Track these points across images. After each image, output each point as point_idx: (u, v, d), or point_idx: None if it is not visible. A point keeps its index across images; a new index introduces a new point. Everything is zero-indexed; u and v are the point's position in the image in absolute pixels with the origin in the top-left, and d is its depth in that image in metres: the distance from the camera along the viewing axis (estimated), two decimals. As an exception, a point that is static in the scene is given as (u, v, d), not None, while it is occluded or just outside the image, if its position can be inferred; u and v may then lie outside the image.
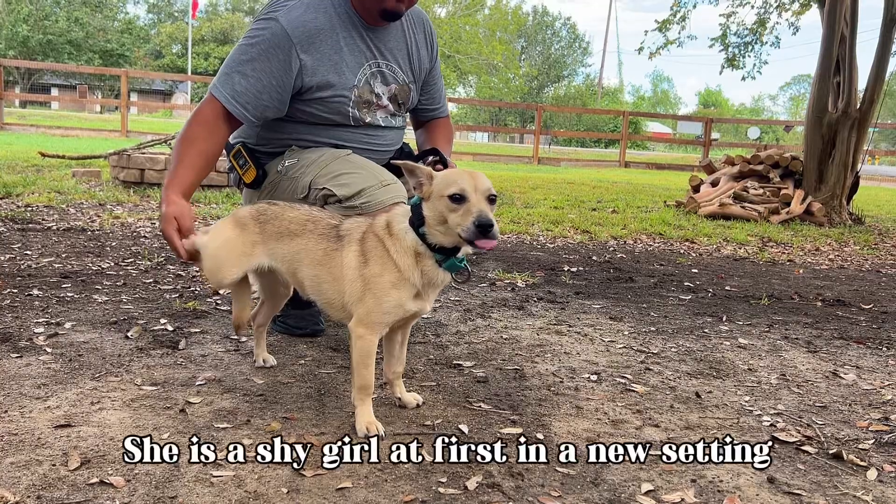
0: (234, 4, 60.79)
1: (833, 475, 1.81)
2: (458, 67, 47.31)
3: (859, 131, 8.33)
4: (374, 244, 1.92)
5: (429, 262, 1.88)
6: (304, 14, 2.46)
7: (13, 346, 2.40)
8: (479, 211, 1.75)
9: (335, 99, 2.52)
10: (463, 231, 1.75)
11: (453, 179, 1.80)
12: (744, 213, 7.82)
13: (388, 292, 1.88)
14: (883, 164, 33.64)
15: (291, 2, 2.48)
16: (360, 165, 2.50)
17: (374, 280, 1.89)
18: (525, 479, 1.69)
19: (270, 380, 2.25)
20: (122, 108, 18.92)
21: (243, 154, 2.62)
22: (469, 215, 1.75)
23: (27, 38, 39.65)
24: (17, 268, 3.52)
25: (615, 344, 2.89)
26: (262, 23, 2.46)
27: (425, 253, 1.87)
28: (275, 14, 2.44)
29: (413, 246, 1.87)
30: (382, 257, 1.90)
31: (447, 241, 1.85)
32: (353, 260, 1.94)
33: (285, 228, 2.09)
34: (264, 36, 2.42)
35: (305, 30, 2.44)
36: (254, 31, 2.46)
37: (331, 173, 2.46)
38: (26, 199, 5.83)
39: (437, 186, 1.82)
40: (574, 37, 61.00)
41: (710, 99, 73.58)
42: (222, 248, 2.13)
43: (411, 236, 1.88)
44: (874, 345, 3.11)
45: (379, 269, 1.89)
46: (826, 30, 8.33)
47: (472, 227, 1.73)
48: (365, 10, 2.55)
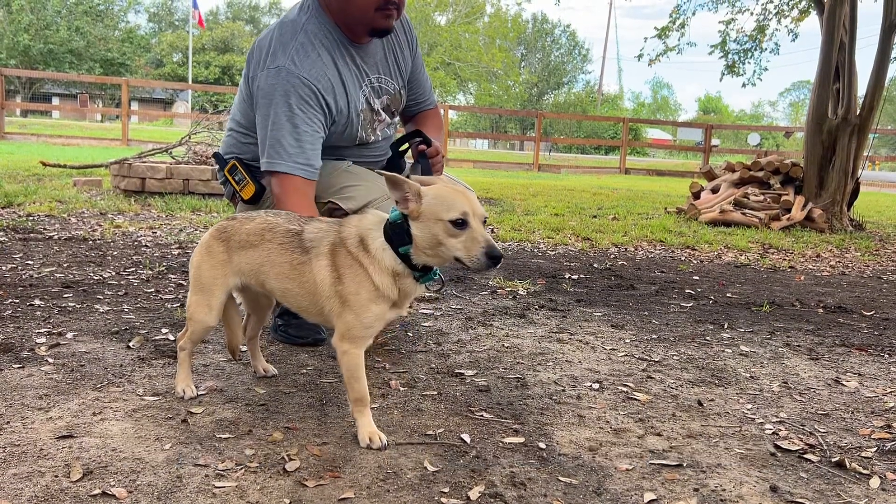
0: (234, 13, 61.05)
1: (836, 483, 1.81)
2: (458, 75, 47.44)
3: (859, 137, 8.34)
4: (347, 260, 1.85)
5: (408, 280, 1.84)
6: (308, 56, 2.44)
7: (15, 356, 2.40)
8: (486, 240, 1.70)
9: (346, 125, 2.54)
10: (470, 261, 1.71)
11: (452, 202, 1.72)
12: (745, 220, 7.82)
13: (368, 307, 1.83)
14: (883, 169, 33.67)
15: (293, 46, 2.44)
16: (363, 177, 2.52)
17: (351, 297, 1.84)
18: (528, 488, 1.69)
19: (272, 389, 2.25)
20: (123, 116, 18.97)
21: (239, 169, 2.58)
22: (476, 244, 1.70)
23: (28, 48, 39.78)
24: (18, 278, 3.52)
25: (617, 352, 2.89)
26: (274, 75, 2.41)
27: (404, 272, 1.82)
28: (286, 65, 2.41)
29: (391, 266, 1.82)
30: (358, 275, 1.83)
31: (437, 262, 1.79)
32: (325, 276, 1.88)
33: (245, 241, 2.02)
34: (295, 92, 2.39)
35: (322, 75, 2.45)
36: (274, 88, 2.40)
37: (334, 186, 2.46)
38: (27, 209, 5.84)
39: (430, 207, 1.73)
40: (574, 44, 61.15)
41: (710, 105, 73.68)
42: (199, 279, 2.07)
43: (389, 256, 1.81)
44: (876, 352, 3.11)
45: (355, 287, 1.83)
46: (825, 36, 8.35)
47: (483, 258, 1.69)
48: (350, 29, 2.54)
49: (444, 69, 44.82)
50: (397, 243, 1.79)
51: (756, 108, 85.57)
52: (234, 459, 1.75)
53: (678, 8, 12.43)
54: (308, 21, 2.51)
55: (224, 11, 61.27)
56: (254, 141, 2.57)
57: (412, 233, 1.76)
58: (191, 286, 2.12)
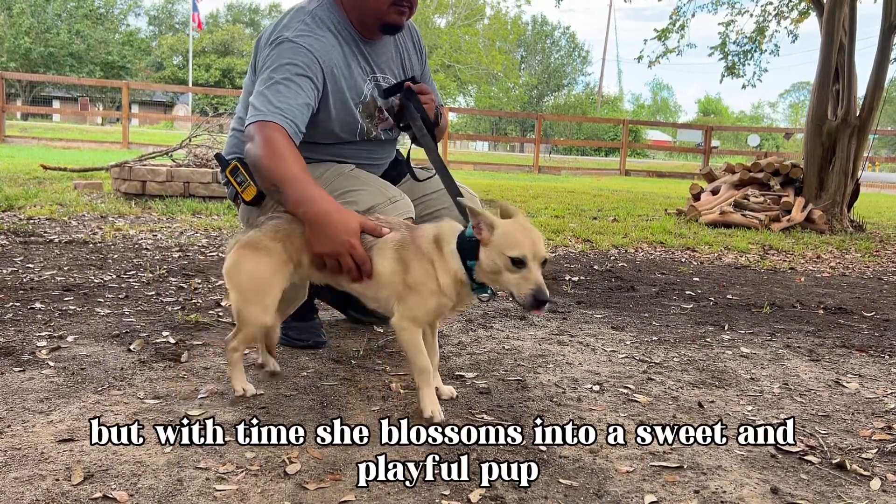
0: (234, 16, 61.12)
1: (836, 485, 1.81)
2: (458, 77, 47.46)
3: (859, 138, 8.34)
4: (415, 254, 2.04)
5: (465, 289, 2.03)
6: (315, 35, 2.44)
7: (16, 359, 2.40)
8: (538, 283, 1.84)
9: (345, 111, 2.53)
10: (519, 297, 1.86)
11: (516, 241, 1.87)
12: (745, 221, 7.82)
13: (433, 295, 2.02)
14: (883, 170, 33.67)
15: (297, 25, 2.45)
16: (366, 181, 2.51)
17: (418, 285, 2.02)
18: (528, 491, 1.69)
19: (273, 392, 2.25)
20: (124, 119, 19.00)
21: (241, 170, 2.58)
22: (527, 283, 1.84)
23: (29, 51, 39.81)
24: (19, 281, 3.52)
25: (617, 354, 2.89)
26: (282, 47, 2.39)
27: (465, 281, 2.01)
28: (294, 37, 2.40)
29: (456, 272, 2.00)
30: (426, 268, 2.02)
31: (493, 286, 1.97)
32: (388, 265, 2.06)
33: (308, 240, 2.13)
34: (295, 59, 2.37)
35: (325, 51, 2.44)
36: (281, 56, 2.38)
37: (337, 190, 2.46)
38: (28, 212, 5.85)
39: (498, 240, 1.89)
40: (573, 46, 61.26)
41: (709, 107, 73.72)
42: (254, 280, 2.13)
43: (457, 263, 1.99)
44: (876, 353, 3.11)
45: (423, 277, 2.02)
46: (824, 37, 8.35)
47: (530, 298, 1.83)
48: (363, 24, 2.56)
49: (444, 71, 44.83)
50: (466, 256, 1.98)
51: (756, 109, 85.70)
52: (235, 462, 1.75)
53: (678, 10, 12.45)
54: (318, 8, 2.53)
55: (224, 14, 61.39)
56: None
57: (479, 255, 1.94)
58: (239, 290, 2.14)
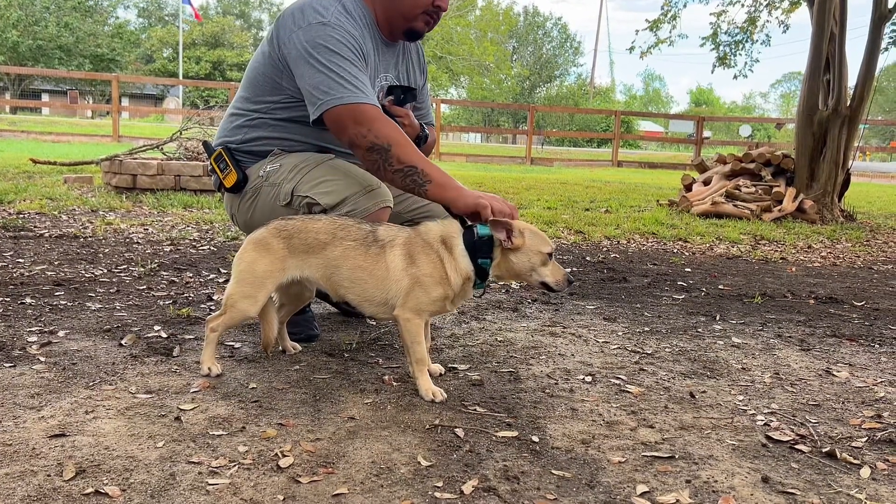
0: (224, 8, 60.72)
1: (827, 474, 1.82)
2: (450, 68, 47.34)
3: (850, 128, 8.37)
4: (423, 249, 2.20)
5: (469, 285, 2.24)
6: (353, 23, 2.47)
7: (6, 355, 2.39)
8: (565, 270, 2.24)
9: None
10: (556, 284, 2.21)
11: (545, 239, 2.22)
12: (736, 212, 7.84)
13: (436, 287, 2.19)
14: (874, 160, 33.82)
15: (334, 9, 2.43)
16: (343, 171, 2.50)
17: (423, 278, 2.18)
18: (521, 482, 1.70)
19: (265, 386, 2.25)
20: (114, 113, 18.84)
21: (224, 157, 2.64)
22: (559, 272, 2.22)
23: (17, 44, 39.44)
24: (9, 276, 3.50)
25: (609, 345, 2.90)
26: (328, 29, 2.37)
27: (471, 278, 2.22)
28: (339, 23, 2.40)
29: (466, 270, 2.19)
30: (434, 262, 2.19)
31: (514, 282, 2.23)
32: (398, 261, 2.20)
33: (314, 239, 2.24)
34: (348, 41, 2.38)
35: (363, 39, 2.48)
36: (331, 37, 2.36)
37: (313, 180, 2.46)
38: (18, 206, 5.81)
39: (531, 241, 2.19)
40: (565, 37, 61.14)
41: (701, 97, 73.78)
42: (252, 273, 2.25)
43: (467, 262, 2.19)
44: (866, 342, 3.13)
45: (429, 269, 2.18)
46: (815, 28, 8.37)
47: (565, 282, 2.22)
48: (389, 25, 2.59)
49: (436, 63, 44.73)
50: (479, 255, 2.19)
51: (747, 99, 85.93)
52: (228, 456, 1.75)
53: (669, 0, 12.43)
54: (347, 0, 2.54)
55: (214, 6, 60.94)
56: (247, 122, 2.61)
57: (509, 259, 2.19)
58: (236, 279, 2.28)
